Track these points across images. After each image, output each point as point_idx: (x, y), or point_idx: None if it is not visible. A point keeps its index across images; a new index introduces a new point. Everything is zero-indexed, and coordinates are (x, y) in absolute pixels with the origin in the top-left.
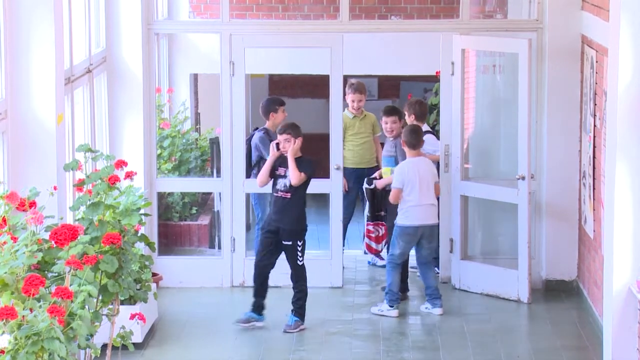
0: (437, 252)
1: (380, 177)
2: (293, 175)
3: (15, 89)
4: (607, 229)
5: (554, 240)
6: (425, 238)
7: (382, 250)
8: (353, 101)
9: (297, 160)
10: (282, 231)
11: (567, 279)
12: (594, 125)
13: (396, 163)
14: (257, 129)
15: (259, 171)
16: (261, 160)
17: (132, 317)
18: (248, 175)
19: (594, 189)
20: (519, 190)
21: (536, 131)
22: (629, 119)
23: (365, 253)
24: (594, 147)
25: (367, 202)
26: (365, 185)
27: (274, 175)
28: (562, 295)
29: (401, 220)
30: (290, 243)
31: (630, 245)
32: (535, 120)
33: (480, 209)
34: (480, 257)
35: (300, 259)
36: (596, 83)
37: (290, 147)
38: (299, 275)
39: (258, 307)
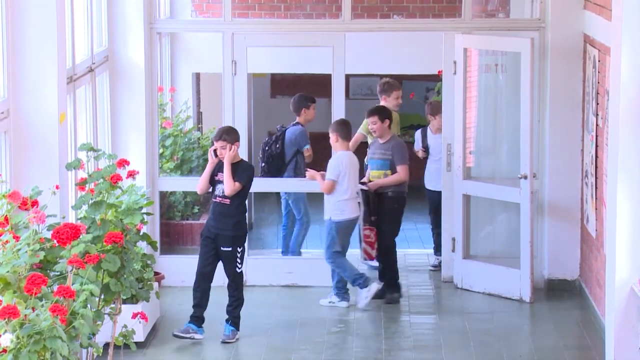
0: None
1: (369, 181)
2: (227, 185)
3: (17, 88)
4: (609, 228)
5: (556, 240)
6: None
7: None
8: (397, 98)
9: (235, 166)
10: (221, 237)
11: (569, 278)
12: (596, 125)
13: (392, 166)
14: (282, 126)
15: (296, 166)
16: (298, 153)
17: (134, 316)
18: (283, 172)
19: (596, 188)
20: (521, 190)
21: (538, 130)
22: (631, 118)
23: (364, 260)
24: (596, 146)
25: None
26: (360, 187)
27: (213, 181)
28: (564, 294)
29: (338, 215)
30: (229, 249)
31: (632, 244)
32: (537, 120)
33: (482, 208)
34: (482, 257)
35: (240, 266)
36: (598, 82)
37: (227, 153)
38: (237, 284)
39: (198, 319)
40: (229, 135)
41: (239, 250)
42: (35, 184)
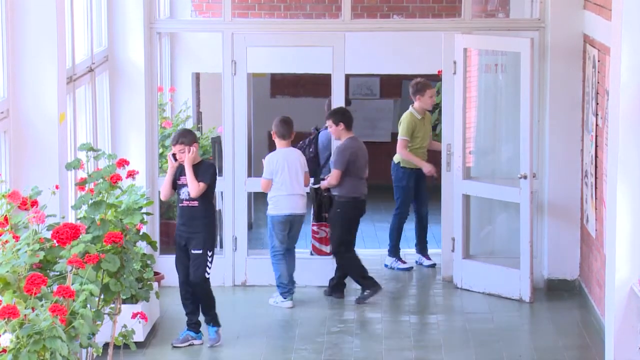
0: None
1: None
2: (192, 187)
3: (17, 88)
4: (609, 228)
5: (556, 240)
6: (293, 227)
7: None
8: (432, 96)
9: (196, 167)
10: (192, 240)
11: (569, 278)
12: (596, 125)
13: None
14: (316, 128)
15: (328, 169)
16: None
17: (134, 316)
18: (318, 175)
19: (595, 188)
20: (521, 190)
21: (538, 130)
22: (630, 118)
23: (311, 254)
24: (596, 146)
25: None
26: (311, 185)
27: (176, 185)
28: (564, 294)
29: (272, 210)
30: (200, 252)
31: (632, 244)
32: (537, 120)
33: (482, 208)
34: (482, 256)
35: (209, 271)
36: (598, 82)
37: (186, 156)
38: (205, 289)
39: (195, 325)
40: (186, 137)
41: (209, 254)
42: (35, 184)
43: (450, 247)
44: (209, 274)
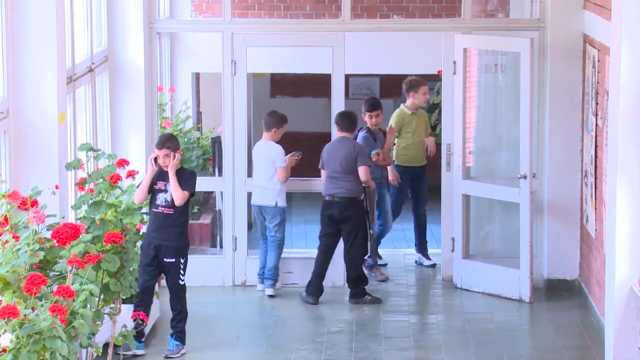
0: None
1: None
2: (176, 195)
3: (17, 88)
4: (608, 228)
5: (555, 240)
6: (266, 218)
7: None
8: (425, 93)
9: (179, 174)
10: (164, 248)
11: (568, 278)
12: (596, 125)
13: None
14: (360, 129)
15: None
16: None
17: (134, 316)
18: None
19: (595, 188)
20: (521, 190)
21: (538, 130)
22: (630, 118)
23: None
24: (596, 146)
25: None
26: None
27: (152, 190)
28: (563, 294)
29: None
30: (173, 260)
31: (631, 244)
32: (537, 119)
33: (482, 208)
34: (482, 256)
35: (183, 277)
36: (598, 82)
37: (171, 162)
38: (180, 297)
39: (139, 334)
40: (172, 142)
41: (182, 261)
42: (35, 184)
43: (450, 247)
44: (183, 280)
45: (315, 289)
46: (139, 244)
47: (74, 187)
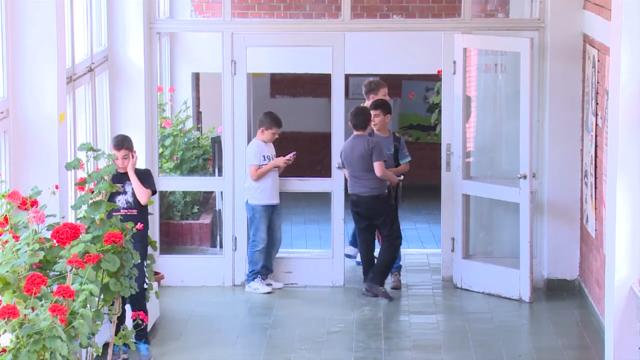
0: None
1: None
2: (142, 194)
3: (17, 88)
4: (608, 228)
5: (555, 239)
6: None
7: None
8: (385, 95)
9: (137, 174)
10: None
11: (568, 278)
12: (596, 125)
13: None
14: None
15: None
16: None
17: (134, 316)
18: None
19: (595, 188)
20: (521, 189)
21: (538, 130)
22: (630, 118)
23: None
24: (596, 146)
25: None
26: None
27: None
28: (563, 294)
29: None
30: (138, 262)
31: (631, 244)
32: (537, 119)
33: (481, 208)
34: (481, 256)
35: (147, 280)
36: (598, 82)
37: (130, 162)
38: (141, 298)
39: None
40: (130, 143)
41: (147, 262)
42: (34, 184)
43: (450, 247)
44: (147, 283)
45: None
46: None
47: (74, 187)
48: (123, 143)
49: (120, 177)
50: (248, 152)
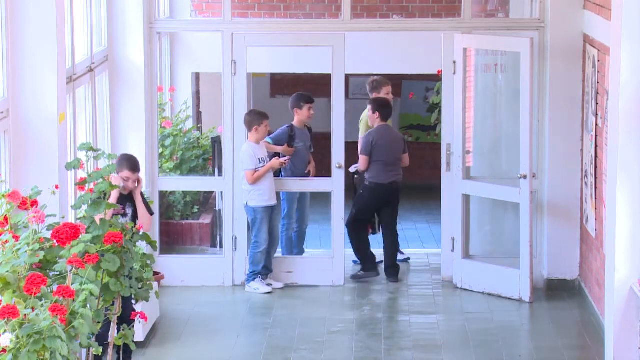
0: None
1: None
2: (145, 220)
3: (17, 88)
4: (608, 228)
5: (555, 239)
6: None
7: None
8: (388, 93)
9: (132, 198)
10: None
11: (568, 278)
12: (596, 125)
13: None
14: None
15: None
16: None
17: (134, 315)
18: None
19: (595, 188)
20: (521, 189)
21: (538, 130)
22: (630, 118)
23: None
24: (596, 146)
25: None
26: (349, 170)
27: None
28: (563, 294)
29: None
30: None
31: (632, 244)
32: (537, 119)
33: (482, 208)
34: (481, 256)
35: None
36: (598, 82)
37: (140, 186)
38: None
39: None
40: (138, 166)
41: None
42: (34, 184)
43: (450, 247)
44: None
45: (390, 268)
46: (138, 244)
47: (74, 187)
48: (137, 166)
49: (122, 199)
50: (243, 157)
